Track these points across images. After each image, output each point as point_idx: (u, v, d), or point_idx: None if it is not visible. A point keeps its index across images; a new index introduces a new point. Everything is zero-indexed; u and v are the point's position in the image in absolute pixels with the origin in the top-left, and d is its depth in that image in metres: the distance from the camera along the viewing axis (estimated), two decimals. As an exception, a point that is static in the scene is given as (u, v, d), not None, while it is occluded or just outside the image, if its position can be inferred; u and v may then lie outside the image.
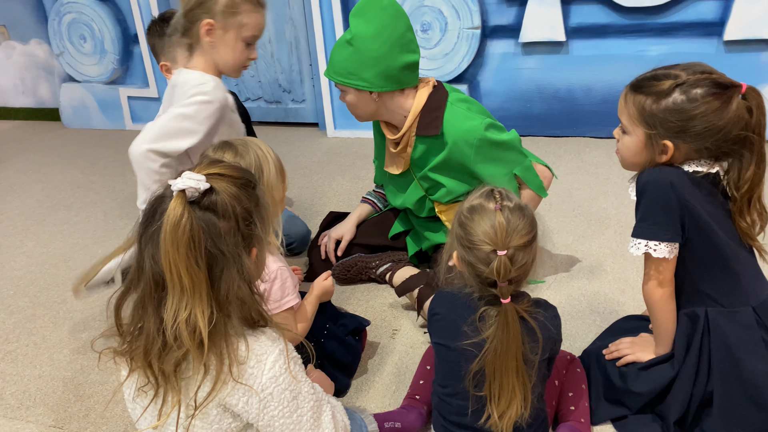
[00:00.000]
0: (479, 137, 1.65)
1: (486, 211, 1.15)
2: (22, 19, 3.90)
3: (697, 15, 2.73)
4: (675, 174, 1.23)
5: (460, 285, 1.23)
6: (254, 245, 1.01)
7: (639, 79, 1.25)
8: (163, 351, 0.95)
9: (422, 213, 1.88)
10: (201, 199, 0.94)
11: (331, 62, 1.68)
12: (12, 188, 3.07)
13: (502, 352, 1.13)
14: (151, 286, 0.95)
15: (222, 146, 1.37)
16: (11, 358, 1.81)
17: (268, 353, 0.99)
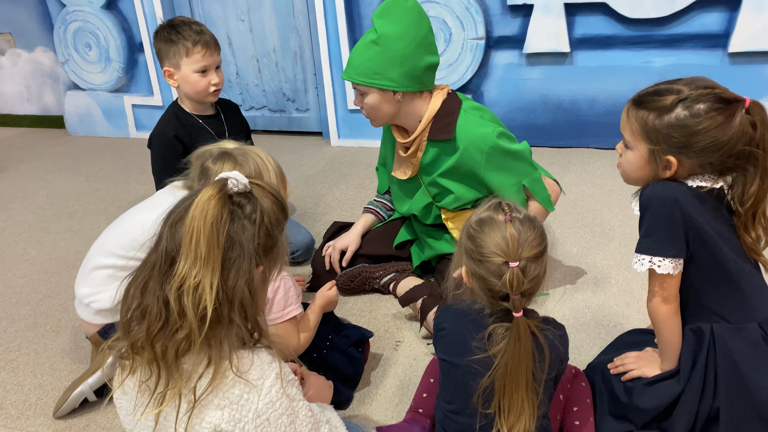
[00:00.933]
0: (491, 144, 1.65)
1: (496, 223, 1.14)
2: (28, 27, 3.92)
3: (702, 27, 2.72)
4: (679, 189, 1.22)
5: (469, 300, 1.22)
6: (262, 264, 1.01)
7: (641, 94, 1.24)
8: (167, 328, 0.94)
9: (428, 220, 1.88)
10: (237, 195, 0.97)
11: (353, 64, 1.65)
12: (16, 195, 3.07)
13: (514, 367, 1.12)
14: (161, 262, 0.95)
15: (221, 156, 1.38)
16: (12, 368, 1.80)
17: (264, 377, 0.97)
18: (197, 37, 1.94)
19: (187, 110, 2.06)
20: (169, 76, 2.00)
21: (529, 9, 2.87)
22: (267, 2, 3.36)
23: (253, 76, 3.57)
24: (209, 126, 2.07)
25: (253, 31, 3.46)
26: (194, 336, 0.92)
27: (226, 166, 1.34)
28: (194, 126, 2.04)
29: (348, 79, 1.68)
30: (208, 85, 1.98)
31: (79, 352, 1.84)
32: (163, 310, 0.93)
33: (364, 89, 1.67)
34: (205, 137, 2.02)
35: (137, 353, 0.96)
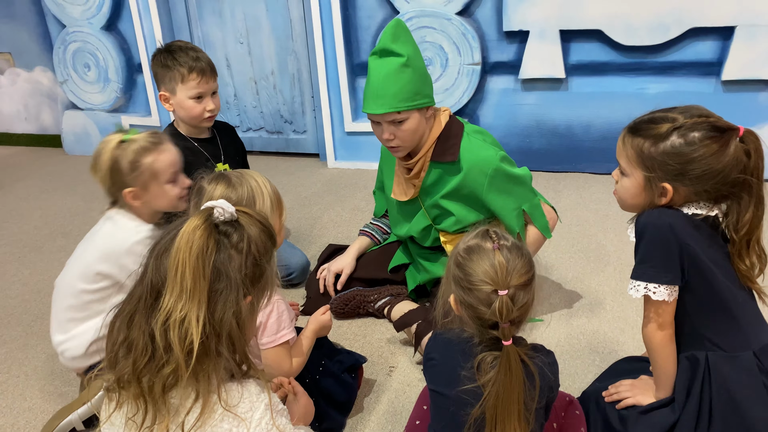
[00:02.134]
0: (494, 167, 1.67)
1: (484, 251, 1.13)
2: (27, 46, 3.95)
3: (696, 55, 2.76)
4: (674, 216, 1.23)
5: (458, 329, 1.22)
6: (250, 294, 0.99)
7: (637, 121, 1.25)
8: (153, 362, 0.92)
9: (426, 242, 1.87)
10: (223, 224, 0.96)
11: (389, 94, 1.60)
12: (11, 214, 3.07)
13: (505, 396, 1.11)
14: (146, 295, 0.93)
15: (216, 177, 1.38)
16: (1, 390, 1.78)
17: (254, 410, 0.96)
18: (193, 64, 1.94)
19: (183, 133, 2.06)
20: (164, 100, 2.01)
21: (525, 35, 2.90)
22: (266, 26, 3.40)
23: (251, 98, 3.59)
24: (205, 149, 2.07)
25: (252, 54, 3.48)
26: (181, 371, 0.91)
27: (219, 187, 1.34)
28: (190, 149, 2.04)
29: (391, 110, 1.61)
30: (203, 111, 1.98)
31: (69, 375, 1.82)
32: (149, 344, 0.92)
33: (405, 115, 1.63)
34: (200, 160, 2.03)
35: (123, 388, 0.95)
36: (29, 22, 3.87)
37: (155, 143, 1.57)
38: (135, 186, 1.55)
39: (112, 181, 1.55)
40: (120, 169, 1.53)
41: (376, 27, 3.14)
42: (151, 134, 1.59)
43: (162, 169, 1.57)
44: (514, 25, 2.88)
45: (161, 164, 1.57)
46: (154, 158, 1.55)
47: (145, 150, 1.54)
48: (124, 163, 1.53)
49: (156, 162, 1.55)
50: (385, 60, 1.61)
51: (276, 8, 3.34)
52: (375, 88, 1.62)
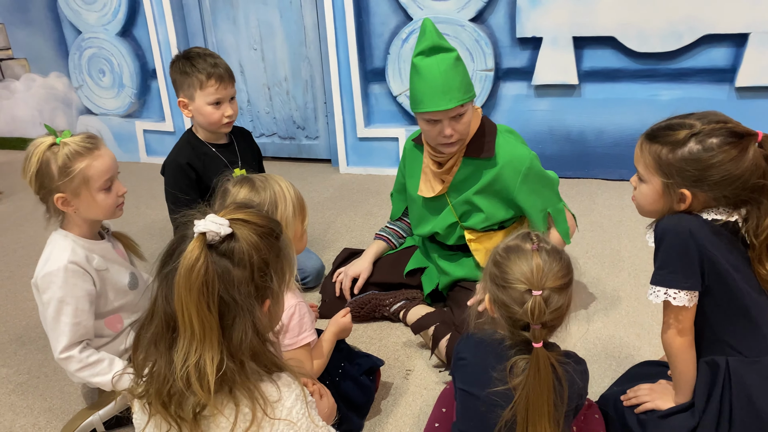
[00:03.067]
0: (528, 165, 1.71)
1: (523, 251, 1.15)
2: (43, 52, 3.99)
3: (709, 61, 2.76)
4: (694, 222, 1.24)
5: (490, 330, 1.22)
6: (268, 297, 0.99)
7: (654, 128, 1.26)
8: (176, 393, 0.93)
9: (450, 240, 1.89)
10: (220, 244, 0.93)
11: (454, 87, 1.60)
12: (27, 218, 3.09)
13: (535, 399, 1.12)
14: (163, 325, 0.94)
15: (241, 180, 1.39)
16: (22, 390, 1.80)
17: (285, 398, 0.97)
18: (211, 70, 1.95)
19: (201, 138, 2.08)
20: (183, 106, 2.03)
21: (538, 42, 2.92)
22: (279, 32, 3.42)
23: (264, 104, 3.62)
24: (222, 154, 2.09)
25: (265, 60, 3.51)
26: (206, 401, 0.92)
27: (243, 191, 1.35)
28: (207, 154, 2.06)
29: (460, 103, 1.62)
30: (221, 117, 2.00)
31: (88, 375, 1.84)
32: (171, 377, 0.93)
33: (466, 108, 1.66)
34: (217, 165, 2.05)
35: (153, 405, 0.96)
36: (45, 28, 3.91)
37: (89, 148, 1.47)
38: (65, 192, 1.46)
39: (41, 185, 1.47)
40: (50, 173, 1.44)
41: (389, 33, 3.16)
42: (87, 137, 1.49)
43: (95, 176, 1.46)
44: (527, 32, 2.90)
45: (94, 170, 1.46)
46: (87, 164, 1.45)
47: (77, 154, 1.44)
48: (54, 167, 1.44)
49: (89, 168, 1.45)
50: (439, 56, 1.61)
51: (290, 15, 3.37)
52: (438, 84, 1.60)
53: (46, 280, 1.50)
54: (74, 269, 1.50)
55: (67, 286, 1.49)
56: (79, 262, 1.51)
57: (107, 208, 1.53)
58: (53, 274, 1.49)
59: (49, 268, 1.50)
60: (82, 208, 1.50)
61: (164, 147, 3.67)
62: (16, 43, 4.04)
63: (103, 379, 1.53)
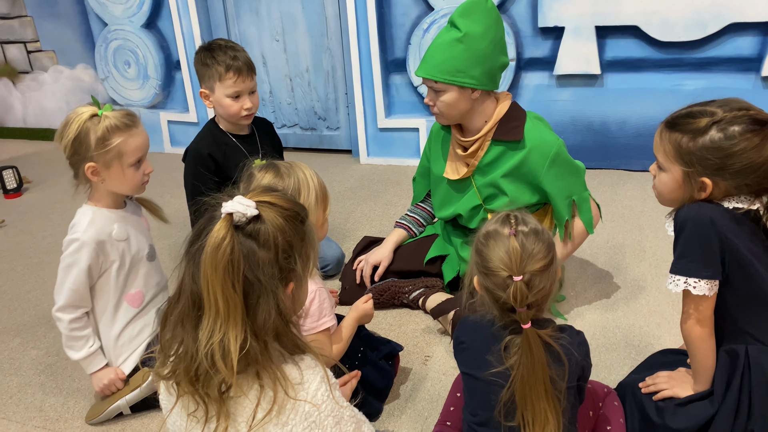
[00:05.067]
0: (555, 151, 1.72)
1: (500, 237, 1.14)
2: (70, 45, 4.06)
3: (735, 51, 2.72)
4: (715, 211, 1.22)
5: (483, 312, 1.23)
6: (292, 280, 1.00)
7: (674, 116, 1.25)
8: (202, 371, 0.95)
9: (472, 224, 1.90)
10: (246, 225, 0.95)
11: (433, 61, 1.67)
12: (55, 206, 3.17)
13: (529, 378, 1.13)
14: (189, 304, 0.96)
15: (267, 166, 1.41)
16: (51, 371, 1.85)
17: (310, 381, 0.99)
18: (230, 62, 1.97)
19: (223, 129, 2.11)
20: (205, 97, 2.05)
21: (560, 31, 2.90)
22: (301, 24, 3.45)
23: (285, 95, 3.65)
24: (243, 145, 2.11)
25: (287, 51, 3.54)
26: (229, 381, 0.94)
27: (268, 176, 1.38)
28: (228, 144, 2.09)
29: (427, 77, 1.68)
30: (240, 109, 2.01)
31: (115, 358, 1.89)
32: (197, 355, 0.95)
33: (442, 87, 1.69)
34: (238, 156, 2.07)
35: (180, 385, 0.98)
36: (72, 20, 3.98)
37: (128, 125, 1.54)
38: (97, 162, 1.52)
39: (75, 151, 1.53)
40: (87, 142, 1.50)
41: (410, 24, 3.16)
42: (127, 114, 1.56)
43: (128, 152, 1.53)
44: (549, 22, 2.88)
45: (129, 147, 1.53)
46: (124, 139, 1.52)
47: (117, 128, 1.51)
48: (93, 137, 1.50)
49: (124, 143, 1.52)
50: (446, 30, 1.67)
51: (311, 6, 3.39)
52: (426, 52, 1.71)
53: (65, 245, 1.60)
54: (88, 241, 1.57)
55: (78, 254, 1.57)
56: (96, 236, 1.58)
57: (134, 183, 1.60)
58: (71, 241, 1.58)
59: (70, 235, 1.60)
60: (109, 180, 1.56)
61: (188, 138, 3.72)
62: (44, 35, 4.12)
63: (73, 354, 1.63)
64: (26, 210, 3.17)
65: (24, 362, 1.91)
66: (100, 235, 1.58)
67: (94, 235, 1.57)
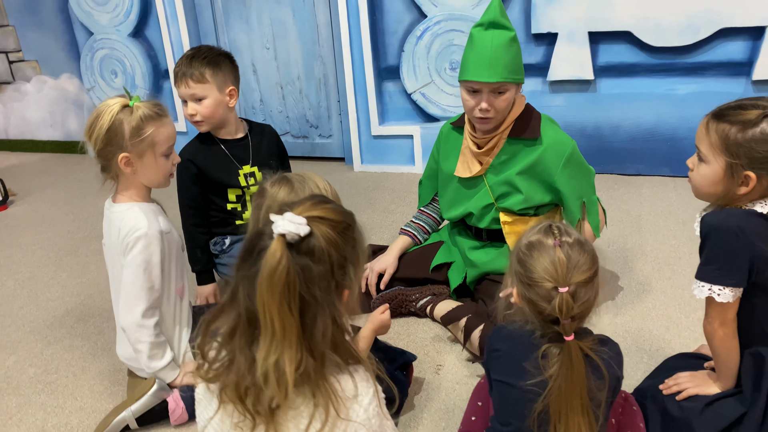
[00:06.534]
0: (570, 151, 1.74)
1: (545, 248, 1.13)
2: (54, 54, 3.99)
3: (726, 55, 2.76)
4: (743, 217, 1.22)
5: (521, 321, 1.22)
6: (346, 287, 1.00)
7: (723, 107, 1.24)
8: (255, 386, 0.94)
9: (483, 223, 1.88)
10: (300, 243, 0.93)
11: (501, 64, 1.65)
12: (43, 219, 3.09)
13: (567, 391, 1.12)
14: (244, 321, 0.95)
15: (279, 180, 1.39)
16: (51, 390, 1.80)
17: (364, 394, 0.98)
18: (177, 69, 1.97)
19: (212, 133, 2.08)
20: None
21: (554, 37, 2.92)
22: (292, 31, 3.42)
23: (276, 103, 3.62)
24: (231, 150, 2.08)
25: (278, 59, 3.51)
26: (280, 401, 0.93)
27: (282, 192, 1.35)
28: (213, 149, 2.06)
29: (502, 80, 1.65)
30: (188, 114, 2.00)
31: (117, 374, 1.83)
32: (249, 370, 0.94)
33: (508, 87, 1.69)
34: (222, 160, 2.05)
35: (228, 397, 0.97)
36: (56, 29, 3.91)
37: (159, 114, 1.56)
38: (131, 153, 1.52)
39: (108, 142, 1.52)
40: (122, 133, 1.50)
41: (403, 31, 3.16)
42: (155, 104, 1.57)
43: (161, 141, 1.55)
44: (542, 28, 2.90)
45: (162, 136, 1.55)
46: (156, 129, 1.53)
47: (150, 118, 1.53)
48: (128, 127, 1.50)
49: (157, 133, 1.54)
50: (496, 32, 1.64)
51: (303, 14, 3.37)
52: (486, 56, 1.64)
53: (129, 245, 1.55)
54: (155, 234, 1.56)
55: (149, 250, 1.56)
56: (158, 228, 1.58)
57: (165, 173, 1.61)
58: (137, 239, 1.55)
59: (133, 233, 1.55)
60: (141, 171, 1.57)
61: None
62: (26, 45, 4.04)
63: (159, 363, 1.61)
64: (13, 223, 3.09)
65: (22, 381, 1.85)
66: (158, 226, 1.58)
67: (156, 227, 1.57)
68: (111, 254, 1.66)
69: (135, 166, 1.55)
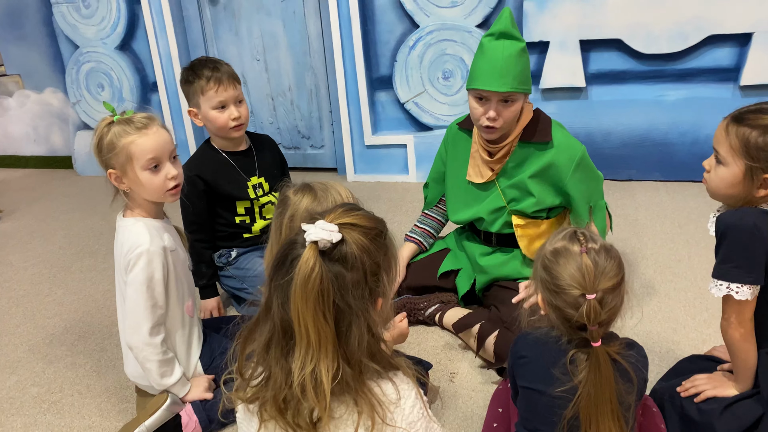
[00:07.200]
0: (581, 156, 1.75)
1: (571, 254, 1.14)
2: (38, 68, 3.93)
3: (714, 61, 2.82)
4: (759, 216, 1.24)
5: (546, 328, 1.22)
6: (380, 296, 0.99)
7: (742, 111, 1.26)
8: (293, 399, 0.93)
9: (494, 227, 1.88)
10: (332, 251, 0.93)
11: (511, 74, 1.65)
12: (33, 236, 3.03)
13: (596, 397, 1.12)
14: (279, 332, 0.94)
15: (302, 189, 1.38)
16: (57, 409, 1.75)
17: (406, 397, 0.97)
18: (210, 74, 1.94)
19: (217, 147, 2.07)
20: (194, 116, 2.02)
21: (545, 45, 2.95)
22: (283, 42, 3.42)
23: (267, 114, 3.60)
24: (237, 162, 2.07)
25: (269, 71, 3.50)
26: (320, 411, 0.92)
27: (306, 200, 1.34)
28: (220, 162, 2.05)
29: (511, 90, 1.66)
30: (227, 120, 1.97)
31: (125, 391, 1.80)
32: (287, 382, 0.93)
33: (516, 97, 1.69)
34: (230, 174, 2.04)
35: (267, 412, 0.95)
36: (40, 43, 3.86)
37: (139, 127, 1.48)
38: (116, 168, 1.48)
39: (99, 160, 1.51)
40: (102, 148, 1.47)
41: (395, 41, 3.17)
42: (143, 116, 1.51)
43: (137, 153, 1.46)
44: (534, 36, 2.93)
45: (137, 148, 1.46)
46: (132, 140, 1.45)
47: (125, 132, 1.46)
48: (105, 142, 1.47)
49: (132, 144, 1.45)
50: (506, 42, 1.65)
51: (293, 25, 3.36)
52: (496, 66, 1.65)
53: (131, 262, 1.51)
54: (157, 251, 1.52)
55: (151, 267, 1.51)
56: (160, 244, 1.53)
57: (154, 188, 1.51)
58: (139, 256, 1.50)
59: (134, 250, 1.51)
60: (133, 187, 1.51)
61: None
62: (8, 59, 3.98)
63: (169, 380, 1.57)
64: (2, 241, 3.02)
65: (26, 401, 1.80)
66: (162, 243, 1.54)
67: (159, 243, 1.53)
68: (116, 269, 1.63)
69: (125, 183, 1.51)
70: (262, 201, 2.10)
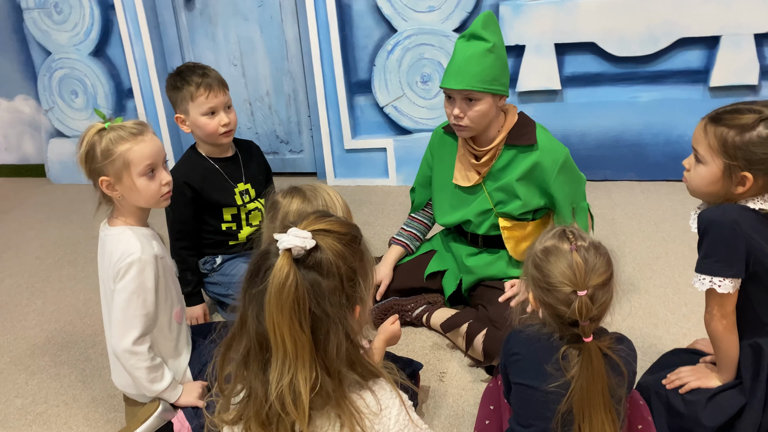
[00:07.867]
0: (565, 158, 1.79)
1: (561, 252, 1.17)
2: (8, 75, 3.85)
3: (684, 63, 2.90)
4: (739, 211, 1.29)
5: (538, 325, 1.25)
6: (357, 303, 0.98)
7: (719, 111, 1.30)
8: (275, 416, 0.91)
9: (481, 229, 1.90)
10: (306, 257, 0.92)
11: (471, 72, 1.69)
12: (8, 246, 2.97)
13: (589, 391, 1.15)
14: (255, 346, 0.92)
15: (291, 191, 1.39)
16: (43, 420, 1.73)
17: (390, 406, 0.97)
18: (200, 80, 1.94)
19: (203, 153, 2.06)
20: (181, 122, 2.01)
21: (521, 49, 3.00)
22: (260, 47, 3.41)
23: (245, 120, 3.59)
24: (224, 169, 2.07)
25: (246, 76, 3.49)
26: (300, 424, 0.91)
27: (295, 201, 1.35)
28: (208, 169, 2.04)
29: (468, 88, 1.69)
30: (217, 126, 1.97)
31: (112, 401, 1.78)
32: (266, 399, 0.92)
33: (479, 96, 1.71)
34: (218, 180, 2.03)
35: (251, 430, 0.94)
36: (10, 50, 3.78)
37: (133, 133, 1.48)
38: (109, 175, 1.47)
39: (89, 168, 1.49)
40: (95, 156, 1.46)
41: (374, 45, 3.19)
42: (135, 123, 1.51)
43: (135, 160, 1.46)
44: (510, 40, 2.98)
45: (134, 155, 1.46)
46: (129, 147, 1.46)
47: (120, 138, 1.46)
48: (98, 150, 1.46)
49: (129, 151, 1.46)
50: (472, 43, 1.69)
51: (270, 30, 3.36)
52: (458, 65, 1.70)
53: (122, 271, 1.49)
54: (149, 259, 1.51)
55: (143, 275, 1.50)
56: (152, 252, 1.52)
57: (150, 195, 1.52)
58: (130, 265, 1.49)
59: (125, 259, 1.49)
60: (126, 194, 1.50)
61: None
62: (-23, 66, 3.89)
63: (160, 385, 1.55)
64: (-25, 251, 2.96)
65: (10, 413, 1.76)
66: (152, 250, 1.53)
67: (150, 251, 1.51)
68: (103, 279, 1.61)
69: (118, 189, 1.50)
70: (249, 207, 2.10)
